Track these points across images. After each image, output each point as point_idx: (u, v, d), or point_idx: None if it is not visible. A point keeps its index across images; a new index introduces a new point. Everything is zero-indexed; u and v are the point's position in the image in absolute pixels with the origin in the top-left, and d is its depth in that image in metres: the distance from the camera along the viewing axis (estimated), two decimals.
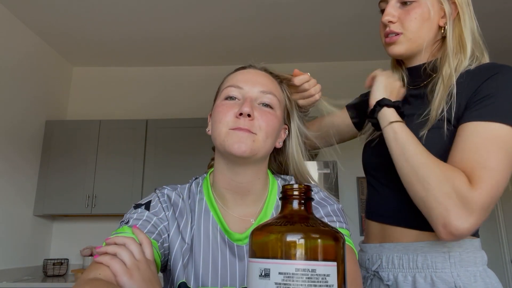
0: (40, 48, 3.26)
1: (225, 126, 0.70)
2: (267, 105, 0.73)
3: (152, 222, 0.70)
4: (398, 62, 0.96)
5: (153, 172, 3.18)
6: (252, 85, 0.74)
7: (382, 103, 0.82)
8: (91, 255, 3.16)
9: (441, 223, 0.69)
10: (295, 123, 0.82)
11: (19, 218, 2.97)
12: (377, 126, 0.86)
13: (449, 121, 0.79)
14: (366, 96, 1.03)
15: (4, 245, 2.79)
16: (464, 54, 0.83)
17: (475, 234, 0.83)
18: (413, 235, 0.83)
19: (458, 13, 0.85)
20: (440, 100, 0.80)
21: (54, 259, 3.12)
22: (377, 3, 0.94)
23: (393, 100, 0.84)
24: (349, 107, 1.09)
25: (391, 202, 0.88)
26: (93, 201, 3.10)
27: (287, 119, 0.81)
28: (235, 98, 0.73)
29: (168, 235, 0.72)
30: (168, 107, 3.65)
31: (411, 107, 0.89)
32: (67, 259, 3.20)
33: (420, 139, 0.80)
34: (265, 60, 0.85)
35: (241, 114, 0.69)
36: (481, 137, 0.72)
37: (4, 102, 2.81)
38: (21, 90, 3.00)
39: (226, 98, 0.74)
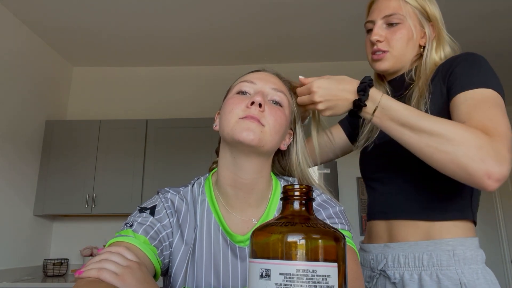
0: (40, 48, 3.26)
1: (235, 116, 0.70)
2: (277, 103, 0.74)
3: (155, 229, 0.70)
4: (380, 77, 1.03)
5: (153, 172, 3.18)
6: (265, 82, 0.76)
7: (361, 101, 0.77)
8: (91, 255, 3.16)
9: (484, 175, 0.68)
10: (300, 129, 0.83)
11: (19, 218, 2.96)
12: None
13: (435, 112, 0.83)
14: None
15: (4, 245, 2.79)
16: (437, 66, 0.92)
17: (475, 232, 0.87)
18: (419, 232, 0.86)
19: (435, 35, 0.94)
20: (419, 101, 0.87)
21: (54, 259, 3.12)
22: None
23: (357, 87, 0.78)
24: (342, 122, 1.16)
25: (396, 198, 0.92)
26: (93, 201, 3.10)
27: (293, 125, 0.82)
28: (247, 93, 0.74)
29: (170, 242, 0.72)
30: (168, 107, 3.65)
31: None
32: (67, 259, 3.20)
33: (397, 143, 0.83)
34: (266, 60, 0.86)
35: (252, 103, 0.69)
36: (474, 100, 0.77)
37: (4, 102, 2.81)
38: (21, 90, 3.00)
39: (238, 93, 0.75)
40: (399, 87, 0.98)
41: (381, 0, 0.96)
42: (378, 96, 0.77)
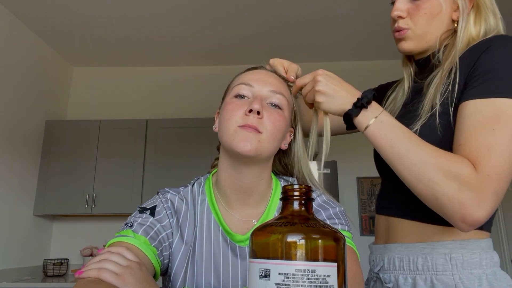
0: (40, 48, 3.26)
1: (233, 124, 0.70)
2: (276, 106, 0.73)
3: (155, 229, 0.70)
4: (408, 57, 0.93)
5: (153, 172, 3.18)
6: (263, 84, 0.74)
7: (350, 115, 0.72)
8: (91, 255, 3.16)
9: (459, 218, 0.64)
10: (300, 126, 0.82)
11: (19, 218, 2.96)
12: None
13: (445, 112, 0.75)
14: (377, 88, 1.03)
15: (4, 245, 2.79)
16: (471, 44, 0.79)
17: (483, 233, 0.79)
18: (416, 233, 0.80)
19: (473, 6, 0.81)
20: (436, 91, 0.77)
21: (54, 259, 3.12)
22: (378, 2, 0.93)
23: (355, 99, 0.73)
24: None
25: (397, 195, 0.86)
26: (93, 201, 3.10)
27: (293, 122, 0.81)
28: (245, 96, 0.74)
29: (170, 243, 0.72)
30: (168, 107, 3.65)
31: (413, 101, 0.85)
32: (67, 259, 3.20)
33: None
34: (266, 60, 0.86)
35: (250, 111, 0.69)
36: (483, 116, 0.67)
37: (4, 102, 2.81)
38: (21, 90, 3.00)
39: (236, 96, 0.74)
40: (425, 68, 0.87)
41: None
42: (379, 110, 0.72)
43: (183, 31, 3.15)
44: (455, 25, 0.82)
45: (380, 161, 0.95)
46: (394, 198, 0.87)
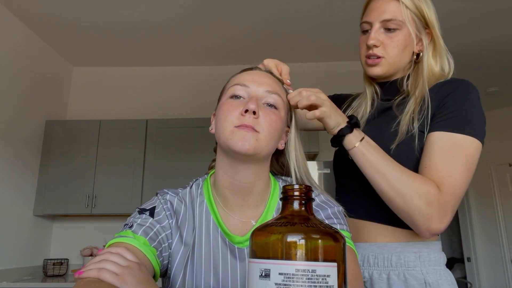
0: (40, 48, 3.26)
1: (230, 124, 0.70)
2: (271, 105, 0.73)
3: (155, 230, 0.70)
4: (370, 77, 1.02)
5: (153, 172, 3.18)
6: (258, 84, 0.74)
7: (344, 132, 0.83)
8: (91, 255, 3.16)
9: (425, 228, 0.79)
10: (297, 126, 0.82)
11: (19, 218, 2.96)
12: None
13: (422, 132, 0.86)
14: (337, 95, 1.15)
15: (4, 245, 2.79)
16: (435, 76, 0.93)
17: (437, 236, 0.92)
18: (387, 234, 0.90)
19: (430, 41, 0.95)
20: (411, 115, 0.88)
21: (54, 259, 3.12)
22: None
23: (346, 120, 0.84)
24: None
25: (364, 200, 0.93)
26: (93, 201, 3.10)
27: (290, 122, 0.81)
28: (241, 97, 0.73)
29: (169, 244, 0.72)
30: (168, 107, 3.65)
31: (380, 120, 0.96)
32: (67, 259, 3.20)
33: (389, 151, 0.86)
34: (262, 61, 0.86)
35: (246, 111, 0.69)
36: (445, 145, 0.82)
37: (4, 102, 2.81)
38: (21, 90, 3.00)
39: (232, 97, 0.74)
40: (389, 92, 0.98)
41: (380, 1, 0.93)
42: (362, 133, 0.84)
43: (182, 31, 3.15)
44: (414, 56, 0.95)
45: (340, 167, 1.03)
46: (360, 203, 0.94)
